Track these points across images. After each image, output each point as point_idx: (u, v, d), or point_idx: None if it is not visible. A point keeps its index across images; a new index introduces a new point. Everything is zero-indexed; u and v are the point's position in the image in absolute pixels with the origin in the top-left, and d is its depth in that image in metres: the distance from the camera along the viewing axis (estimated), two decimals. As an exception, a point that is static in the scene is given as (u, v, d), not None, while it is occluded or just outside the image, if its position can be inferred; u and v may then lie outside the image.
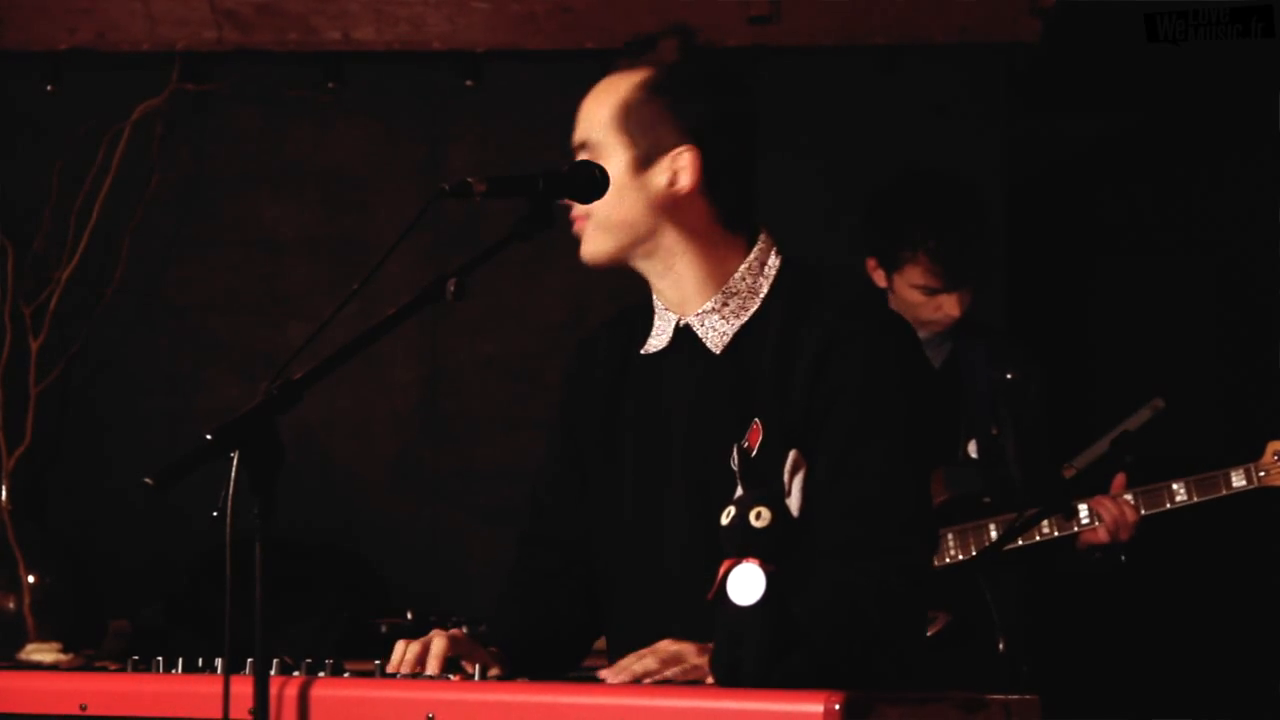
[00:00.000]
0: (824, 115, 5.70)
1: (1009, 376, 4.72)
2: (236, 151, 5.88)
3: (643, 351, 3.06)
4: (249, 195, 5.89)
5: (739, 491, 2.58)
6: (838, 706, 2.27)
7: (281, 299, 5.84)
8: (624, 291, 3.15)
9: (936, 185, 4.79)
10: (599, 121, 3.01)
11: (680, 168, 2.98)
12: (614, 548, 3.05)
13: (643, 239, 2.99)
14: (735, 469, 2.64)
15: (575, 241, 3.03)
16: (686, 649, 2.67)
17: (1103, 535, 4.50)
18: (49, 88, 5.77)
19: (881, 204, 4.76)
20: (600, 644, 3.14)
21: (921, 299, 4.64)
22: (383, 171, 5.86)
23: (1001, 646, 4.48)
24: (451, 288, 2.71)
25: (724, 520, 2.55)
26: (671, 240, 2.99)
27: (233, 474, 2.45)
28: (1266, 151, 5.31)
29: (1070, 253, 6.10)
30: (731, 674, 2.49)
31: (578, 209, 2.99)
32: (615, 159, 2.98)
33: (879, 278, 4.69)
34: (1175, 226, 6.09)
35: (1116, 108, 6.07)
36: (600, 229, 2.99)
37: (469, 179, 2.80)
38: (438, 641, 2.83)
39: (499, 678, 2.68)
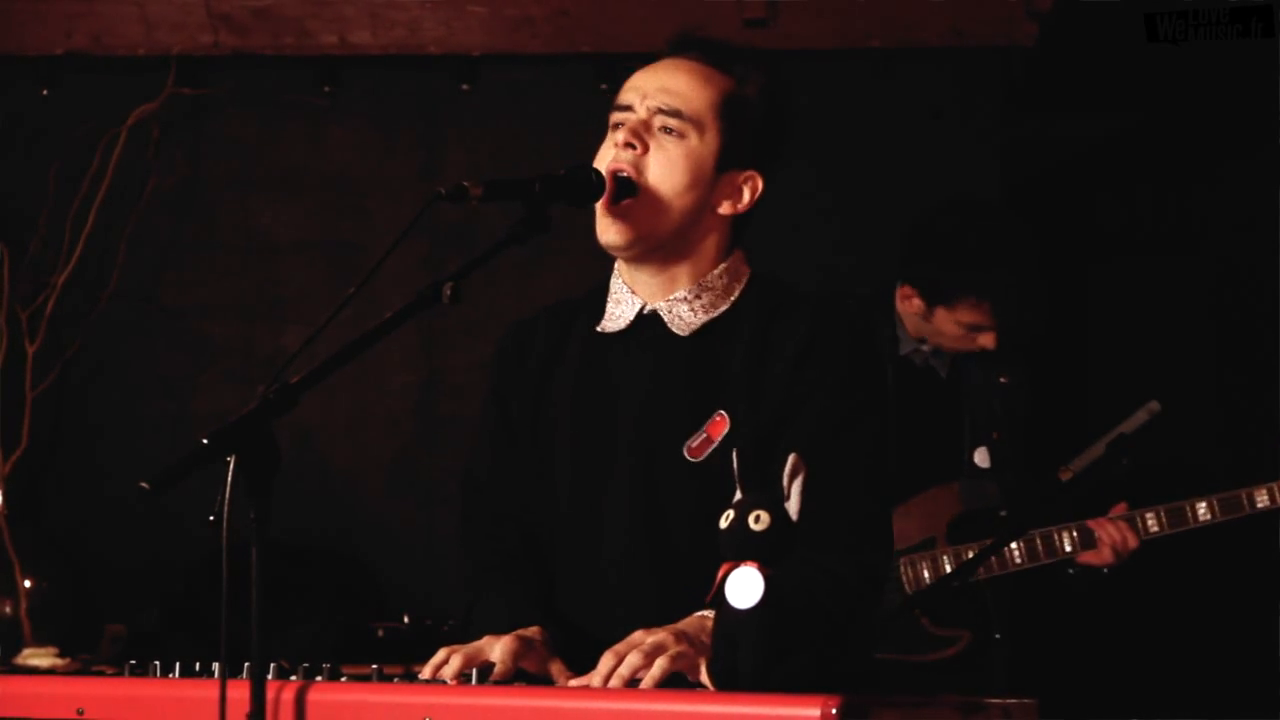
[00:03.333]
0: (820, 119, 5.69)
1: (1003, 379, 4.71)
2: (232, 155, 5.88)
3: (598, 329, 3.05)
4: (245, 199, 5.88)
5: (738, 494, 2.58)
6: (834, 710, 2.27)
7: (278, 303, 5.83)
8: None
9: (1003, 227, 4.65)
10: (704, 100, 2.97)
11: (745, 189, 3.01)
12: (552, 524, 3.03)
13: (680, 232, 2.98)
14: (735, 471, 2.64)
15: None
16: (664, 638, 2.65)
17: (1107, 556, 4.52)
18: (45, 92, 5.76)
19: (941, 237, 4.61)
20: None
21: (961, 333, 4.58)
22: (379, 175, 5.85)
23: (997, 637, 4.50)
24: (448, 291, 2.71)
25: (722, 523, 2.55)
26: (691, 241, 3.00)
27: (229, 478, 2.45)
28: (1266, 153, 5.30)
29: (1067, 256, 6.09)
30: (729, 677, 2.49)
31: (629, 166, 2.94)
32: (707, 143, 2.97)
33: (910, 306, 4.60)
34: (1173, 229, 6.09)
35: (1113, 110, 6.07)
36: (663, 208, 2.95)
37: (465, 183, 2.81)
38: (503, 657, 2.77)
39: (499, 681, 2.68)
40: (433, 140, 5.86)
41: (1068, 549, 4.53)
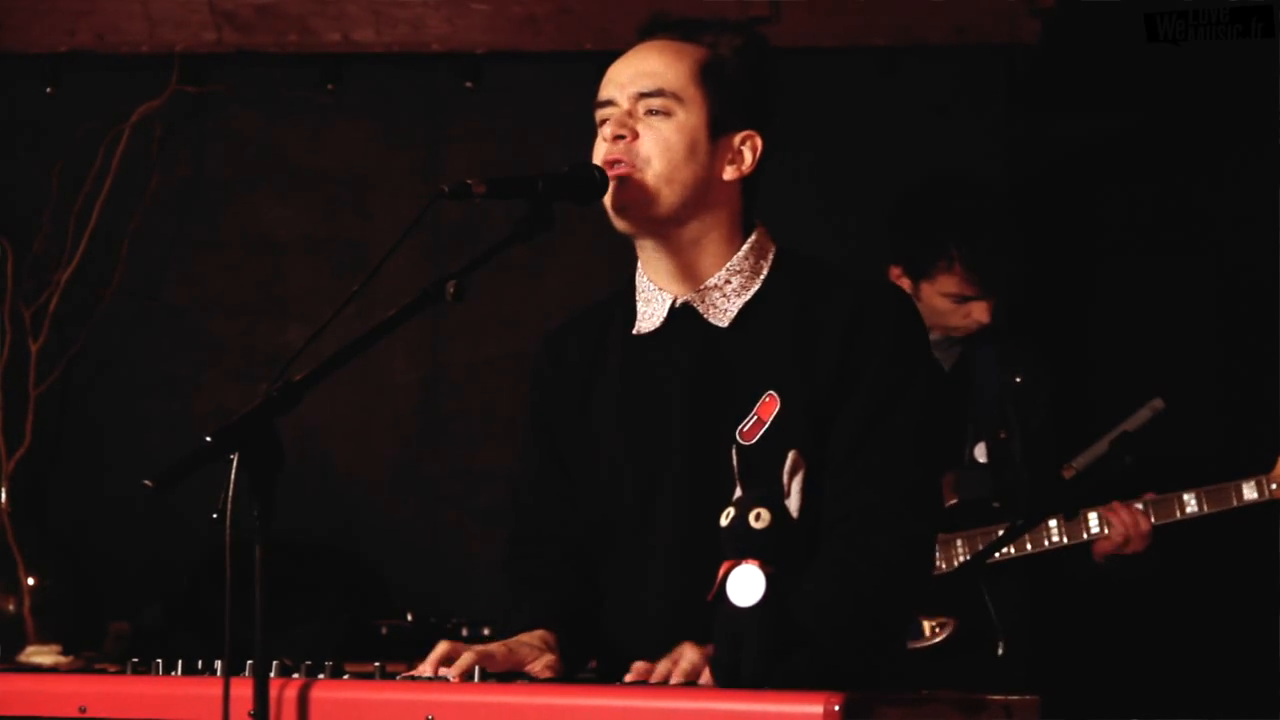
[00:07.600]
0: (824, 117, 5.70)
1: (1018, 380, 4.72)
2: (236, 153, 5.88)
3: (634, 333, 3.04)
4: (248, 197, 5.89)
5: (738, 492, 2.58)
6: (837, 707, 2.27)
7: (281, 301, 5.84)
8: (623, 292, 3.16)
9: (964, 191, 4.78)
10: (681, 73, 2.96)
11: (745, 150, 2.99)
12: (610, 528, 3.03)
13: (691, 206, 2.96)
14: (734, 468, 2.64)
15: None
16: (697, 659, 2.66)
17: (1115, 539, 4.52)
18: (48, 89, 5.76)
19: (910, 211, 4.74)
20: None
21: (951, 306, 4.63)
22: (382, 173, 5.86)
23: (1000, 650, 4.49)
24: (451, 289, 2.71)
25: (723, 521, 2.55)
26: (704, 217, 2.98)
27: (232, 476, 2.45)
28: (1266, 151, 5.30)
29: (1070, 253, 6.09)
30: (731, 675, 2.49)
31: (623, 155, 2.93)
32: (694, 114, 2.95)
33: (903, 286, 4.66)
34: (1175, 226, 6.09)
35: (1116, 108, 6.07)
36: (666, 182, 2.93)
37: (468, 180, 2.81)
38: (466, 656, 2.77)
39: (500, 678, 2.68)
40: (436, 138, 5.87)
41: (1055, 539, 4.54)
